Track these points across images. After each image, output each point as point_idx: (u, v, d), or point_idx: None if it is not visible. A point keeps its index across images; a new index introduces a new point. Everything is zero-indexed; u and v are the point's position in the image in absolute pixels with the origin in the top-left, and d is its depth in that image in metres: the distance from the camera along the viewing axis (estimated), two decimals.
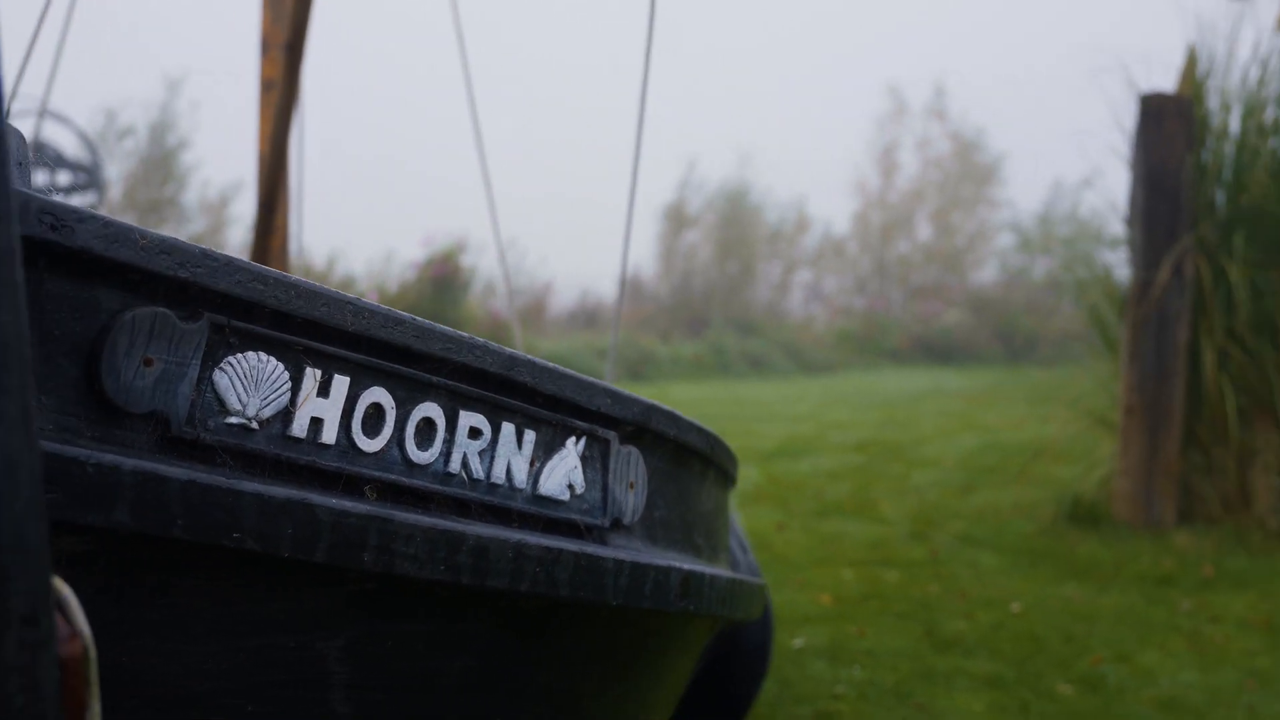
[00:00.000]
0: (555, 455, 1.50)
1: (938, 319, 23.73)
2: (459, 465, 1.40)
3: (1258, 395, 6.16)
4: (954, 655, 4.41)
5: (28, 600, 0.71)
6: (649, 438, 1.61)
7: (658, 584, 1.53)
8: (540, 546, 1.39)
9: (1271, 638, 4.61)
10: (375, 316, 1.30)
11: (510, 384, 1.42)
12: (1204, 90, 6.48)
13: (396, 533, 1.27)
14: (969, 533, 6.49)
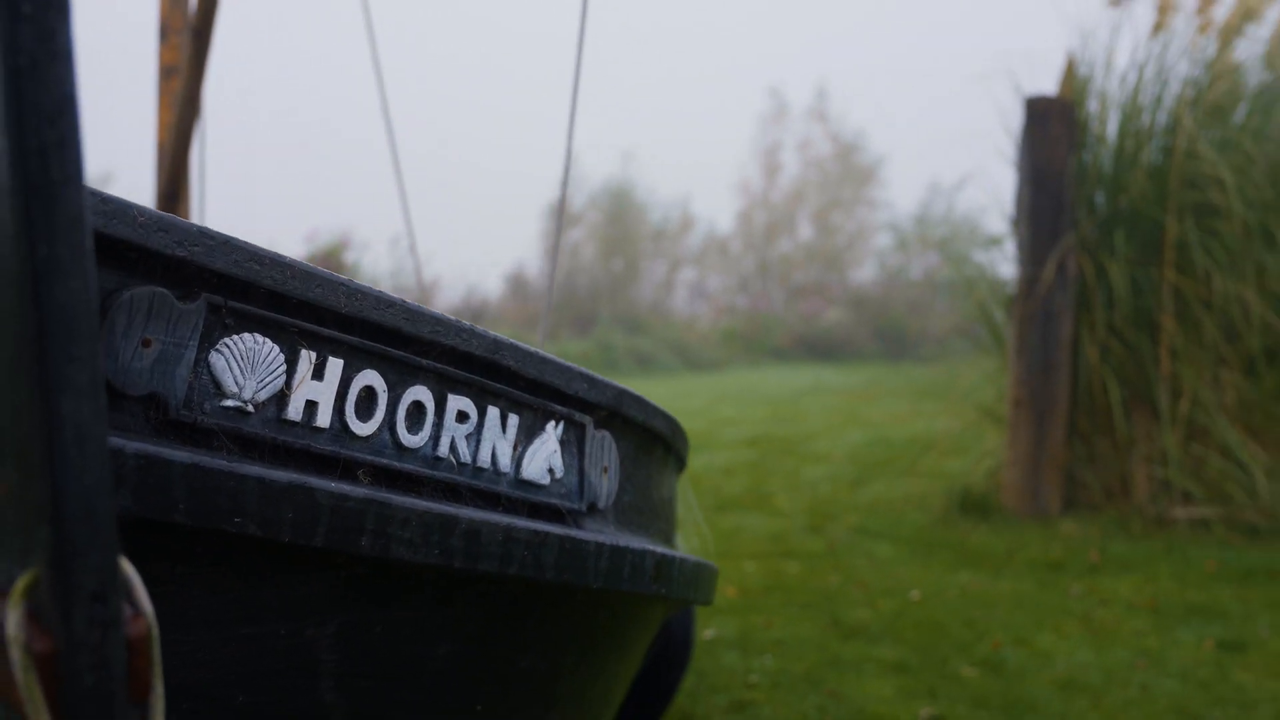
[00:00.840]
0: (536, 439, 1.51)
1: (819, 317, 24.12)
2: (447, 449, 1.41)
3: (1137, 388, 6.41)
4: (860, 643, 4.52)
5: (97, 577, 0.71)
6: (620, 422, 1.63)
7: (634, 567, 1.56)
8: (529, 530, 1.40)
9: (1157, 619, 4.81)
10: (367, 298, 1.30)
11: (495, 367, 1.43)
12: (1085, 94, 6.72)
13: (393, 516, 1.27)
14: (864, 525, 6.63)
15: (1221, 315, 6.17)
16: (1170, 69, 6.59)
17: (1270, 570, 5.44)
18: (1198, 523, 6.06)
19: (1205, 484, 6.13)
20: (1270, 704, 3.87)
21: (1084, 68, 6.72)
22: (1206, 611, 4.89)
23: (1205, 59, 6.58)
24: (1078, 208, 6.50)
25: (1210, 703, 3.89)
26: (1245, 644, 4.46)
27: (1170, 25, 6.66)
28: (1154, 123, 6.59)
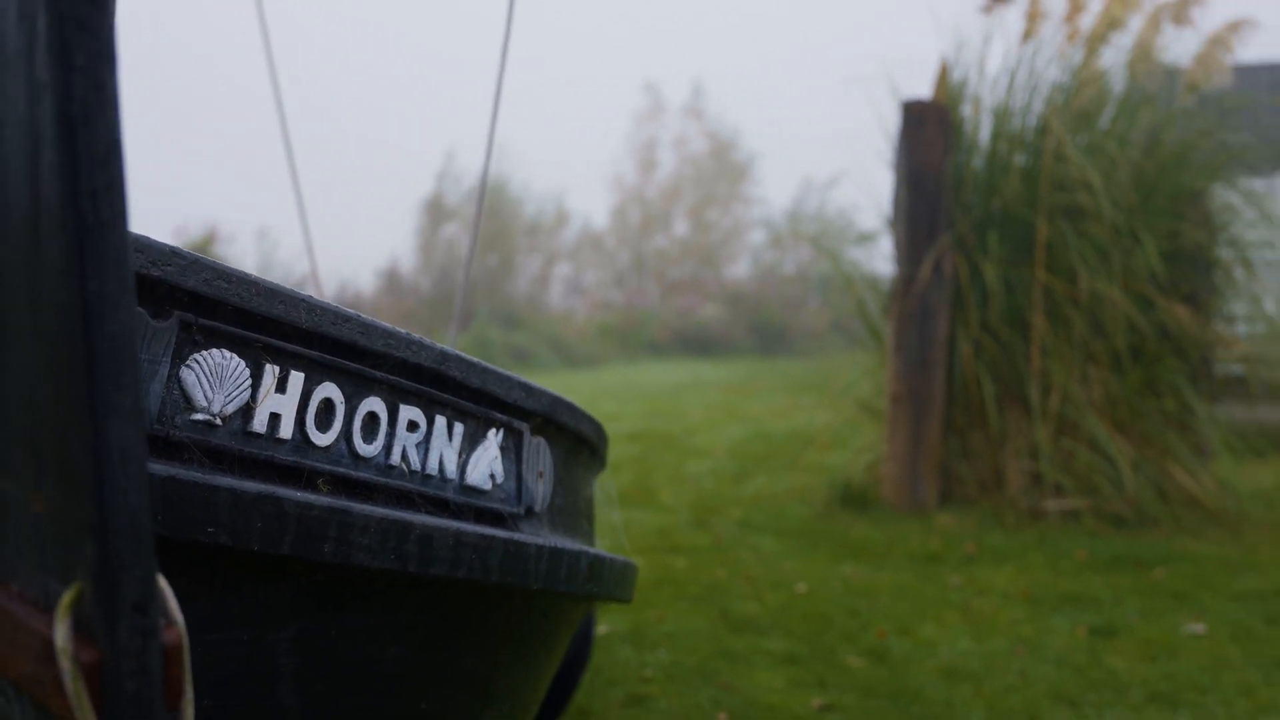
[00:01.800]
0: (479, 446, 1.55)
1: (695, 313, 24.34)
2: (399, 457, 1.44)
3: (1009, 384, 6.63)
4: (749, 635, 4.60)
5: (140, 589, 0.73)
6: (553, 429, 1.68)
7: (570, 568, 1.61)
8: (477, 534, 1.44)
9: (1032, 608, 4.99)
10: (325, 313, 1.32)
11: (442, 378, 1.47)
12: (959, 99, 6.92)
13: (354, 524, 1.30)
14: (748, 519, 6.74)
15: (1089, 314, 6.42)
16: (1040, 75, 6.83)
17: (1136, 559, 5.69)
18: (1068, 514, 6.30)
19: (1075, 476, 6.37)
20: (1141, 687, 4.05)
21: (958, 72, 6.92)
22: (1078, 599, 5.09)
23: (1073, 66, 6.82)
24: (953, 209, 6.69)
25: (1085, 687, 4.06)
26: (1116, 629, 4.66)
27: (1040, 32, 6.89)
28: (1025, 127, 6.82)
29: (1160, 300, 6.33)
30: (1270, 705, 3.88)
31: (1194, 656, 4.35)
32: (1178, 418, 6.45)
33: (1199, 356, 6.55)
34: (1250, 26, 7.00)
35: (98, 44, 0.68)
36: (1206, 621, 4.75)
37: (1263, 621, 4.74)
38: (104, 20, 0.69)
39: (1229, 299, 6.92)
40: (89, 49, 0.68)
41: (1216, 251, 6.76)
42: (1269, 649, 4.41)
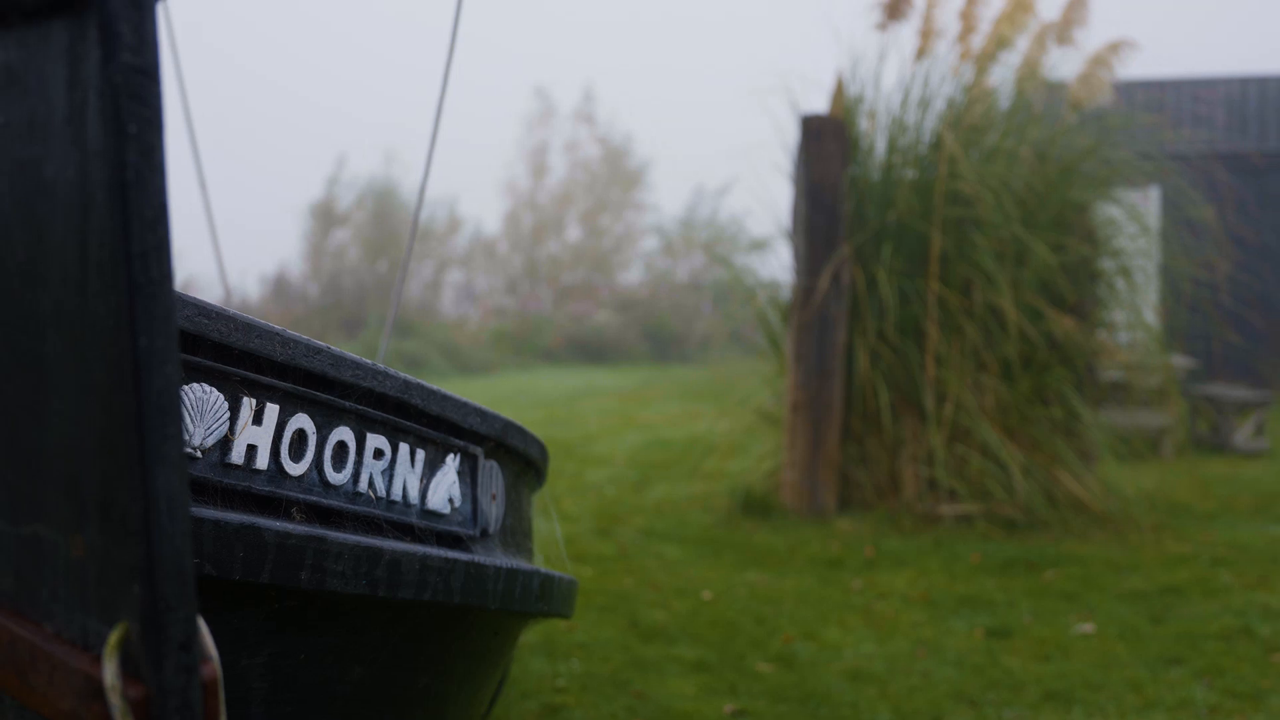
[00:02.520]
0: (439, 471, 1.59)
1: (588, 319, 24.39)
2: (366, 484, 1.47)
3: (905, 391, 6.81)
4: (659, 643, 4.68)
5: (184, 628, 0.77)
6: (504, 452, 1.72)
7: (524, 588, 1.65)
8: (441, 559, 1.48)
9: (931, 610, 5.14)
10: (298, 346, 1.35)
11: (405, 406, 1.50)
12: (855, 113, 7.09)
13: (329, 551, 1.33)
14: (651, 527, 6.82)
15: (981, 323, 6.63)
16: (933, 91, 7.03)
17: (1027, 561, 5.89)
18: (961, 518, 6.49)
19: (968, 482, 6.57)
20: (1036, 685, 4.21)
21: (855, 88, 7.09)
22: (974, 601, 5.26)
23: (964, 83, 7.04)
24: (851, 221, 6.86)
25: (984, 686, 4.21)
26: (1011, 630, 4.83)
27: (933, 50, 7.10)
28: (919, 141, 7.01)
29: (1048, 311, 6.56)
30: (1157, 701, 4.07)
31: (1085, 655, 4.53)
32: (1065, 424, 6.69)
33: (1084, 365, 6.80)
34: (1130, 47, 7.29)
35: (150, 112, 0.72)
36: (1095, 621, 4.94)
37: (1148, 620, 4.95)
38: (156, 89, 0.73)
39: (1112, 309, 7.20)
40: (142, 117, 0.71)
41: (1100, 264, 7.02)
42: (1154, 646, 4.61)
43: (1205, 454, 9.93)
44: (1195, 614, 5.03)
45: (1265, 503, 7.65)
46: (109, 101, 0.71)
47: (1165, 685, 4.20)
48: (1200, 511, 7.09)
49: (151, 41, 0.71)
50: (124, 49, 0.70)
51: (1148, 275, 7.45)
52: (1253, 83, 16.47)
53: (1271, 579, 5.58)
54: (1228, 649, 4.57)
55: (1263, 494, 8.03)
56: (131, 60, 0.70)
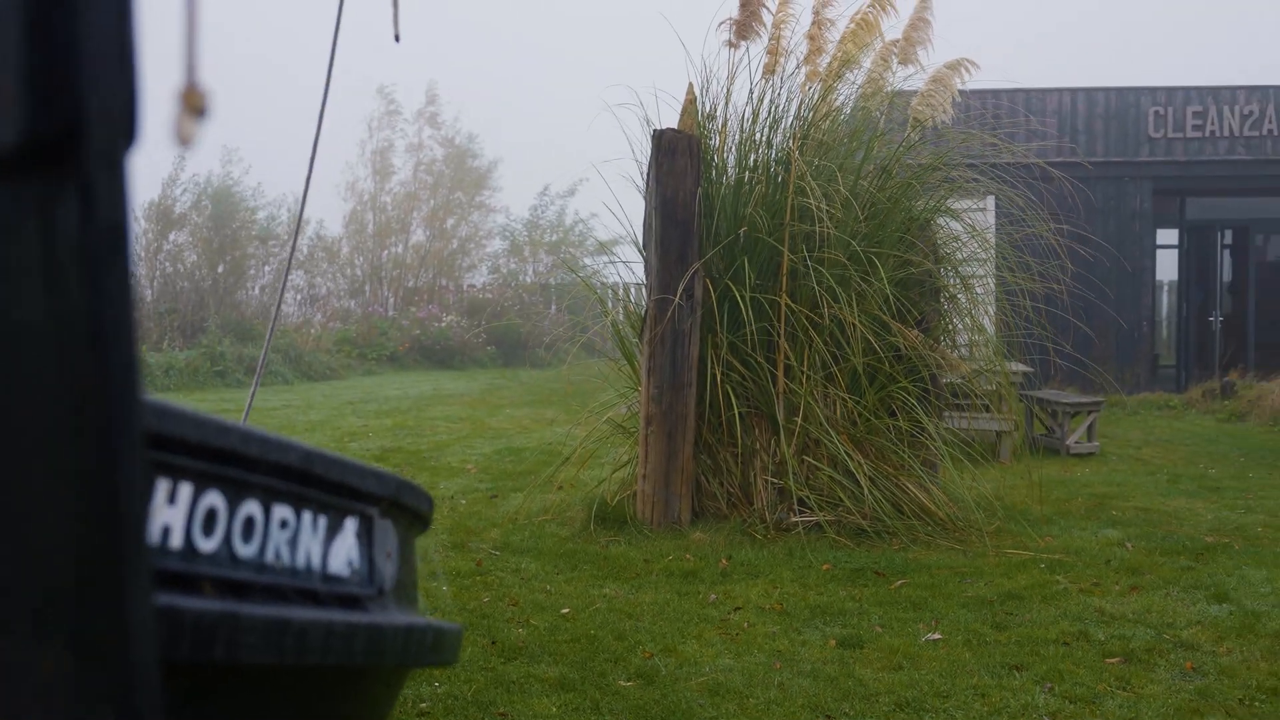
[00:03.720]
0: (339, 536, 1.60)
1: (435, 322, 24.15)
2: (273, 555, 1.48)
3: (756, 403, 6.94)
4: (521, 662, 4.68)
5: (152, 713, 0.77)
6: (396, 510, 1.74)
7: (419, 643, 1.68)
8: (344, 623, 1.50)
9: (785, 621, 5.26)
10: (209, 426, 1.35)
11: (307, 475, 1.51)
12: (707, 130, 7.20)
13: (242, 625, 1.34)
14: (507, 540, 6.81)
15: (830, 337, 6.79)
16: (782, 109, 7.18)
17: (876, 569, 6.06)
18: (812, 527, 6.65)
19: (818, 491, 6.73)
20: (888, 695, 4.35)
21: (706, 104, 7.19)
22: (827, 611, 5.39)
23: (812, 101, 7.20)
24: (703, 236, 6.96)
25: (839, 697, 4.33)
26: (862, 640, 4.97)
27: (782, 68, 7.25)
28: (768, 158, 7.15)
29: (894, 324, 6.76)
30: (1002, 707, 4.24)
31: (933, 663, 4.69)
32: (910, 434, 6.90)
33: (928, 376, 7.02)
34: (970, 66, 7.56)
35: (124, 264, 0.72)
36: (942, 629, 5.12)
37: (991, 627, 5.15)
38: (129, 242, 0.73)
39: (953, 322, 7.45)
40: (117, 270, 0.72)
41: (943, 278, 7.27)
42: (998, 653, 4.81)
43: (1041, 456, 10.35)
44: (1035, 620, 5.25)
45: (1097, 505, 8.02)
46: (85, 256, 0.71)
47: (1009, 691, 4.38)
48: (1037, 515, 7.39)
49: (126, 198, 0.72)
50: (101, 206, 0.70)
51: (986, 286, 7.74)
52: (1081, 94, 17.22)
53: (1105, 583, 5.86)
54: (1066, 654, 4.79)
55: (1094, 496, 8.41)
56: (108, 216, 0.70)
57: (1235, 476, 9.70)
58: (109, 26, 0.76)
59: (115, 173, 0.73)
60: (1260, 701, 4.28)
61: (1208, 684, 4.45)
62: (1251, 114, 17.01)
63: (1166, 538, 6.90)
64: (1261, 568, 6.17)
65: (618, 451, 7.77)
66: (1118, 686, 4.43)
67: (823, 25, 7.19)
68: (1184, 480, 9.35)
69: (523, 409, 14.79)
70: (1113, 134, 17.15)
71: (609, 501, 7.14)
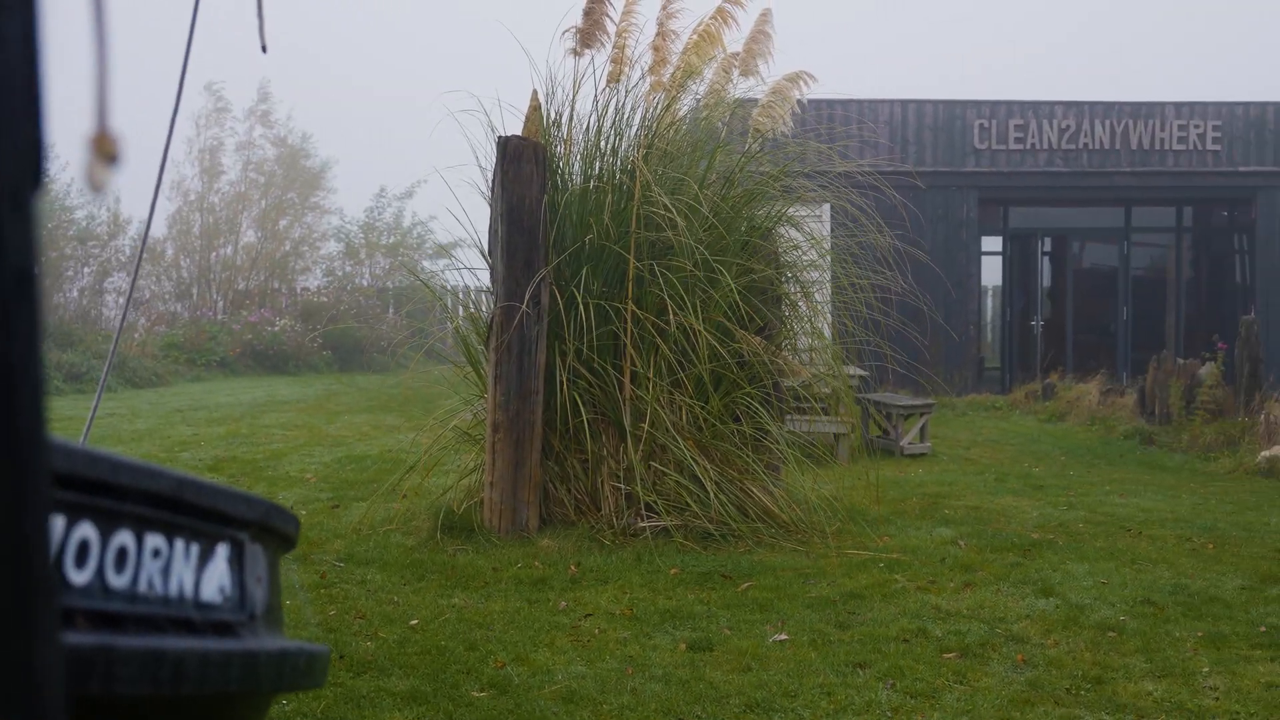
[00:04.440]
0: (210, 563, 1.57)
1: (267, 326, 23.59)
2: (146, 585, 1.45)
3: (604, 410, 6.99)
4: (371, 676, 4.63)
5: None
6: (266, 534, 1.72)
7: (293, 667, 1.66)
8: (219, 652, 1.48)
9: (637, 626, 5.31)
10: (79, 457, 1.32)
11: (179, 503, 1.49)
12: (552, 137, 7.22)
13: (118, 658, 1.31)
14: (352, 551, 6.71)
15: (675, 344, 6.88)
16: (627, 118, 7.25)
17: (723, 572, 6.17)
18: (659, 532, 6.72)
19: (664, 496, 6.81)
20: (739, 696, 4.44)
21: (552, 112, 7.21)
22: (676, 615, 5.47)
23: (656, 110, 7.29)
24: (550, 244, 6.97)
25: (691, 700, 4.40)
26: (712, 643, 5.05)
27: (626, 77, 7.31)
28: (614, 166, 7.21)
29: (738, 331, 6.89)
30: (847, 704, 4.37)
31: (781, 663, 4.80)
32: (754, 438, 7.04)
33: (771, 382, 7.17)
34: (808, 78, 7.75)
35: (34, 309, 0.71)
36: (788, 630, 5.24)
37: (835, 626, 5.30)
38: (39, 287, 0.73)
39: (794, 327, 7.62)
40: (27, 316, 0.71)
41: (784, 285, 7.43)
42: (842, 652, 4.94)
43: (877, 458, 10.66)
44: (876, 618, 5.42)
45: (930, 505, 8.31)
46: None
47: (853, 689, 4.51)
48: (875, 515, 7.61)
49: (34, 240, 0.71)
50: (9, 249, 0.69)
51: (824, 293, 7.94)
52: (911, 105, 17.79)
53: (940, 580, 6.08)
54: (906, 650, 4.95)
55: (928, 496, 8.71)
56: (16, 260, 0.69)
57: (1057, 475, 10.15)
58: (15, 69, 0.75)
59: (23, 215, 0.72)
60: (1085, 690, 4.50)
61: (1037, 675, 4.66)
62: (1069, 128, 17.82)
63: (996, 535, 7.19)
64: (1084, 562, 6.47)
65: (464, 459, 7.73)
66: (955, 681, 4.60)
67: (667, 36, 7.28)
68: (1010, 479, 9.75)
69: (362, 415, 14.56)
70: (941, 145, 17.77)
71: (455, 510, 7.09)
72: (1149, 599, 5.73)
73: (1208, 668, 4.75)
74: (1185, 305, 19.86)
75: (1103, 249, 20.45)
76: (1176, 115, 17.96)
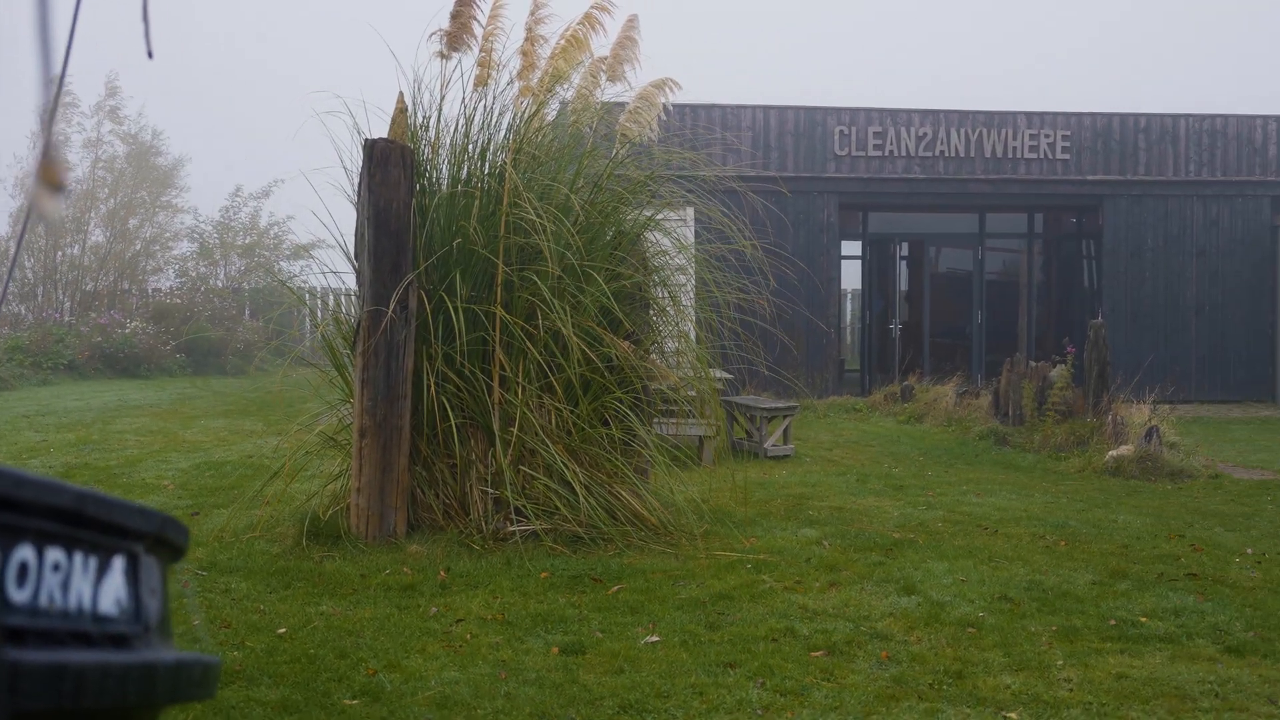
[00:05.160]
0: (107, 576, 1.55)
1: (117, 328, 22.88)
2: (46, 599, 1.43)
3: (473, 414, 6.97)
4: (239, 686, 4.55)
5: None
6: (159, 546, 1.70)
7: (189, 678, 1.65)
8: (119, 665, 1.47)
9: (508, 630, 5.31)
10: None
11: (80, 516, 1.46)
12: (419, 140, 7.16)
13: (20, 672, 1.30)
14: (214, 560, 6.56)
15: (545, 348, 6.89)
16: (495, 122, 7.23)
17: (593, 575, 6.20)
18: (529, 536, 6.72)
19: (534, 500, 6.82)
20: (612, 698, 4.47)
21: (419, 115, 7.16)
22: (548, 619, 5.48)
23: (525, 114, 7.28)
24: (417, 247, 6.92)
25: (564, 703, 4.42)
26: (584, 646, 5.08)
27: (494, 81, 7.30)
28: (482, 171, 7.19)
29: (607, 336, 6.93)
30: (719, 703, 4.43)
31: (653, 665, 4.85)
32: (623, 442, 7.08)
33: (640, 386, 7.23)
34: (674, 85, 7.83)
35: None
36: (659, 631, 5.30)
37: (705, 627, 5.37)
38: None
39: (662, 332, 7.69)
40: None
41: (652, 290, 7.49)
42: (713, 652, 5.01)
43: (742, 460, 10.80)
44: (745, 618, 5.51)
45: (795, 506, 8.46)
46: None
47: (724, 688, 4.58)
48: (741, 517, 7.73)
49: None
50: None
51: (689, 296, 8.03)
52: (774, 111, 18.07)
53: (806, 580, 6.20)
54: (775, 649, 5.04)
55: (792, 497, 8.87)
56: None
57: (916, 475, 10.43)
58: None
59: None
60: (947, 685, 4.64)
61: (901, 671, 4.79)
62: (925, 136, 18.30)
63: (859, 535, 7.36)
64: (943, 560, 6.67)
65: (329, 464, 7.61)
66: (823, 678, 4.71)
67: (535, 41, 7.29)
68: (872, 480, 9.99)
69: (219, 420, 14.23)
70: (802, 150, 18.09)
71: (321, 516, 6.99)
72: (1006, 595, 5.93)
73: (1061, 660, 4.94)
74: (1037, 309, 20.56)
75: (958, 254, 21.05)
76: (1028, 125, 18.58)
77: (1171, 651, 5.08)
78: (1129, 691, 4.57)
